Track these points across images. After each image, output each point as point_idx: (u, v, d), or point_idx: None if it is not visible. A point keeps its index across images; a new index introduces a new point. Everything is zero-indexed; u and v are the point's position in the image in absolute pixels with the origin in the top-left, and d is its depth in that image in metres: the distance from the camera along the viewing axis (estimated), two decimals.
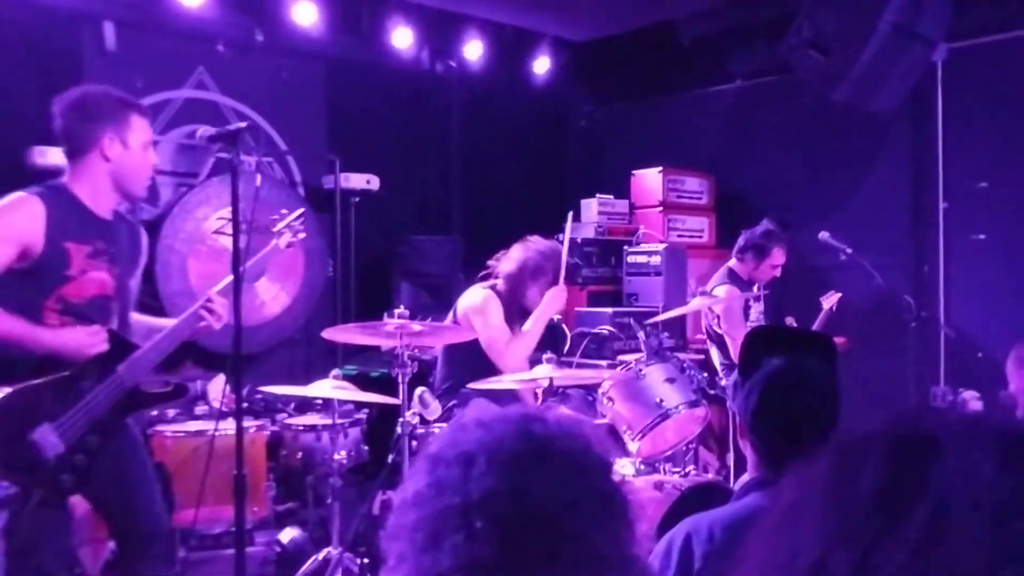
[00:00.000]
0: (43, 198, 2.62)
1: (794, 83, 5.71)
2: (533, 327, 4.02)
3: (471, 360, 3.98)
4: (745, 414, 1.90)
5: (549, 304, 4.03)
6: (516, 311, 4.11)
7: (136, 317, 2.95)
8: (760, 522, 0.65)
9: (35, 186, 2.69)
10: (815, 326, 5.22)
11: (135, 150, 2.71)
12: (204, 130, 2.61)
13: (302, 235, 3.33)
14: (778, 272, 5.18)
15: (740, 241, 5.20)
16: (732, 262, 5.21)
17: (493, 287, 4.14)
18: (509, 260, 4.14)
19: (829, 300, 5.31)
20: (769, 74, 6.35)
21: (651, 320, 4.65)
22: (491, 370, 3.93)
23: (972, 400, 5.19)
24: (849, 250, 5.20)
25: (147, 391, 2.79)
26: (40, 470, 2.48)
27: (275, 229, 3.25)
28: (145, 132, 2.77)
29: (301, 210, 3.39)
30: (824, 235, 5.30)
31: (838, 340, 5.43)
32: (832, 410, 1.88)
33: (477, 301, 4.08)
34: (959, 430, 0.60)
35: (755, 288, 5.17)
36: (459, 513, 0.94)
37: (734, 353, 4.81)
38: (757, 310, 5.18)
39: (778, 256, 5.12)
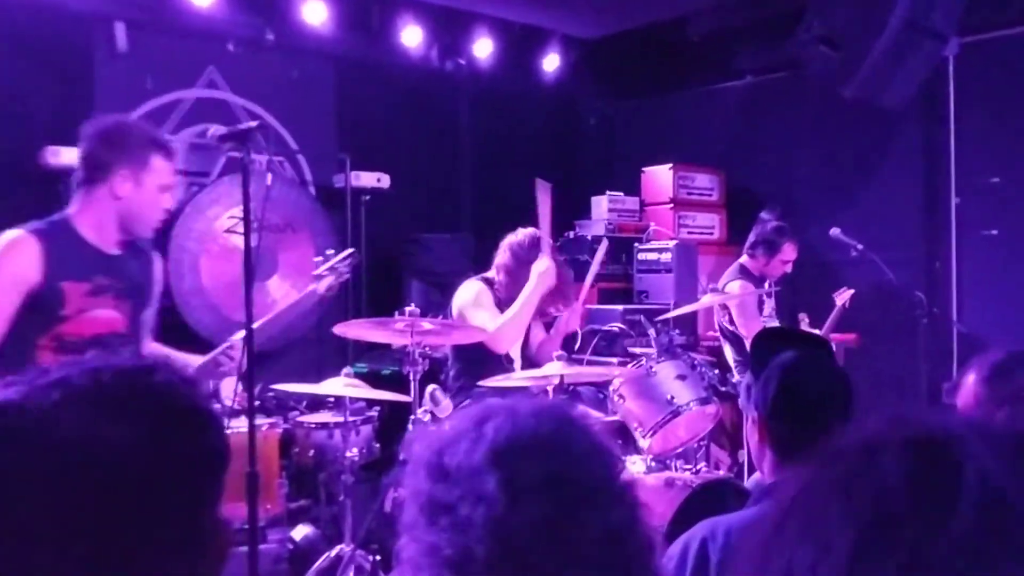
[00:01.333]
0: (39, 236, 2.50)
1: (804, 79, 5.69)
2: (521, 303, 3.96)
3: (480, 357, 3.99)
4: (763, 404, 1.88)
5: (538, 279, 3.98)
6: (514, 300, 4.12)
7: (154, 347, 2.85)
8: (763, 522, 0.66)
9: (35, 222, 2.57)
10: (828, 322, 5.20)
11: (148, 191, 2.59)
12: (215, 129, 2.60)
13: (346, 277, 3.14)
14: (789, 268, 5.17)
15: (751, 237, 5.19)
16: (743, 258, 5.20)
17: (485, 279, 4.17)
18: (500, 251, 4.17)
19: (842, 296, 5.28)
20: (779, 70, 6.33)
21: (662, 317, 4.63)
22: (500, 366, 3.93)
23: None
24: (860, 246, 5.18)
25: None
26: None
27: (317, 272, 3.06)
28: (165, 175, 2.63)
29: (349, 251, 3.18)
30: (835, 231, 5.29)
31: (849, 336, 5.46)
32: (848, 398, 1.87)
33: (467, 295, 4.12)
34: (974, 431, 0.62)
35: (767, 284, 5.15)
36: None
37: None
38: (769, 306, 5.17)
39: (789, 252, 5.10)
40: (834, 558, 0.58)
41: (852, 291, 5.28)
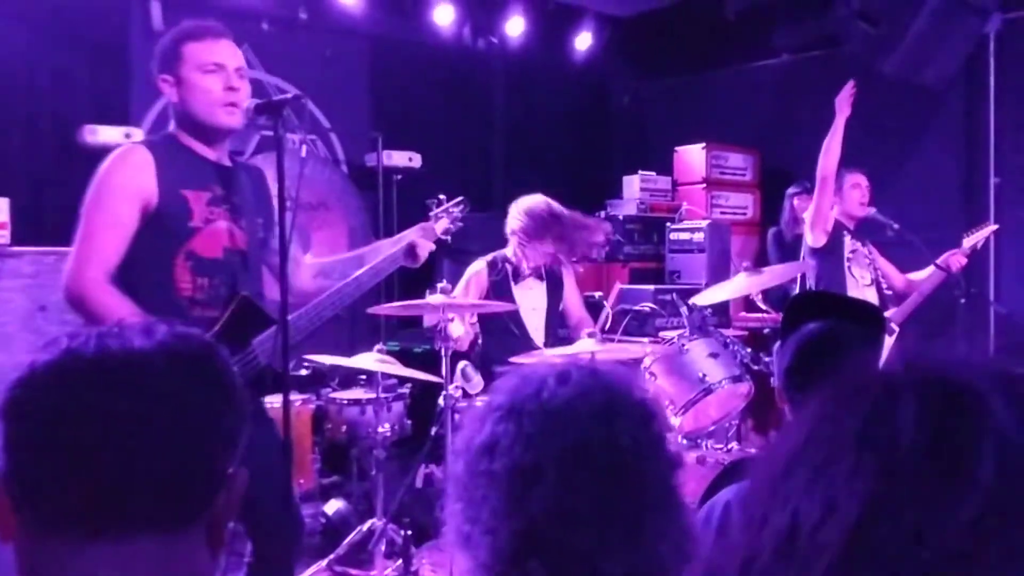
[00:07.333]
0: (149, 146, 2.43)
1: (842, 57, 5.61)
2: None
3: (498, 332, 4.04)
4: (778, 374, 1.90)
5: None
6: (521, 272, 4.18)
7: (314, 261, 2.82)
8: (760, 465, 0.63)
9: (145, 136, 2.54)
10: (943, 261, 4.68)
11: (191, 80, 2.47)
12: (251, 101, 2.58)
13: (460, 224, 3.17)
14: (859, 192, 4.81)
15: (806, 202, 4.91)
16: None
17: (494, 260, 4.23)
18: (514, 216, 4.22)
19: (974, 236, 4.64)
20: (816, 48, 6.24)
21: (705, 304, 4.47)
22: (519, 341, 3.97)
23: None
24: (897, 226, 5.09)
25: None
26: None
27: (432, 213, 3.09)
28: (201, 56, 2.49)
29: (460, 198, 3.20)
30: (872, 211, 5.20)
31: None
32: None
33: (465, 274, 4.23)
34: (993, 379, 0.58)
35: (854, 223, 4.87)
36: (553, 462, 0.97)
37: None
38: (863, 255, 4.81)
39: (853, 177, 4.79)
40: (841, 518, 0.54)
41: (995, 227, 4.74)
